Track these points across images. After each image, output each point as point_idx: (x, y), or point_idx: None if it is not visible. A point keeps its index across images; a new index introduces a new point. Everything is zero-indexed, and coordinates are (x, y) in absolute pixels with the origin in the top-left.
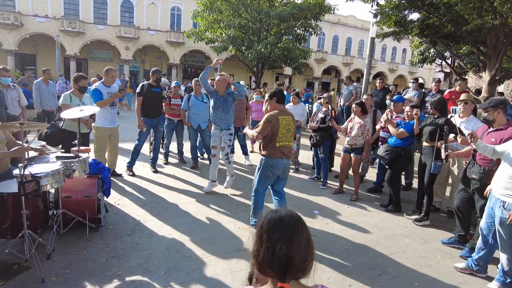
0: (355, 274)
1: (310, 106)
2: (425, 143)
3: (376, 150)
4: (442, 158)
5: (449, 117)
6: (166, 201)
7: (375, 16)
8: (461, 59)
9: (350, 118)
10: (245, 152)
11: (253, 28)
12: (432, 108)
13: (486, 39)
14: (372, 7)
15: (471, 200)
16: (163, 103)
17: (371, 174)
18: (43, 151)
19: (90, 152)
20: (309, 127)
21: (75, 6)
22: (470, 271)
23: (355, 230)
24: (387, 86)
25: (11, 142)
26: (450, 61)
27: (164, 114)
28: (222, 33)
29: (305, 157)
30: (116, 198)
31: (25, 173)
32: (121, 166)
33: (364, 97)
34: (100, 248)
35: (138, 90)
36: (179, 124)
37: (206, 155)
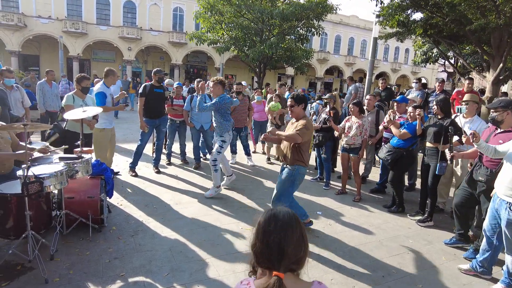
0: (359, 275)
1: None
2: (428, 144)
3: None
4: (447, 159)
5: (453, 117)
6: (169, 201)
7: (378, 16)
8: (464, 59)
9: (347, 118)
10: (247, 152)
11: (255, 28)
12: (437, 107)
13: (490, 39)
14: (376, 6)
15: (472, 199)
16: (166, 104)
17: (374, 175)
18: (47, 150)
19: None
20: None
21: (78, 7)
22: (475, 273)
23: (358, 231)
24: (390, 86)
25: (15, 143)
26: (453, 61)
27: (166, 114)
28: (224, 34)
29: None
30: (118, 199)
31: (28, 174)
32: (123, 167)
33: (367, 97)
34: (103, 249)
35: (140, 90)
36: (182, 124)
37: (208, 156)
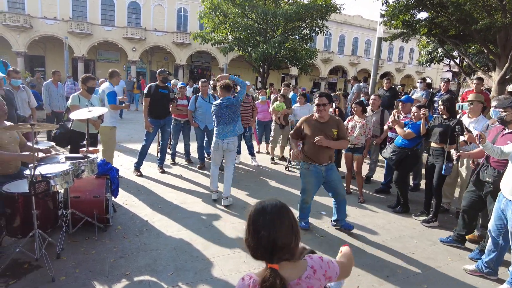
0: (363, 275)
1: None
2: (433, 144)
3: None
4: (453, 159)
5: (458, 116)
6: (173, 201)
7: (382, 16)
8: (470, 59)
9: (349, 117)
10: (251, 152)
11: (259, 28)
12: (444, 107)
13: (496, 38)
14: (382, 6)
15: (480, 201)
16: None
17: (379, 175)
18: (49, 150)
19: (98, 152)
20: None
21: (83, 8)
22: (480, 274)
23: (363, 231)
24: (394, 86)
25: (23, 142)
26: (459, 60)
27: (171, 115)
28: (228, 34)
29: None
30: (124, 198)
31: (35, 173)
32: (128, 167)
33: (372, 97)
34: (108, 248)
35: (145, 91)
36: (186, 124)
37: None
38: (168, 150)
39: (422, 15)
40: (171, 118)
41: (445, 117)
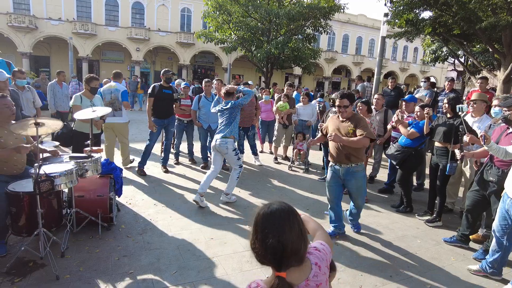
0: (366, 275)
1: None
2: (437, 144)
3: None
4: (458, 159)
5: (462, 116)
6: (177, 200)
7: (386, 15)
8: (474, 58)
9: None
10: (254, 152)
11: (262, 28)
12: (448, 106)
13: (501, 37)
14: (386, 4)
15: (484, 201)
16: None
17: (382, 175)
18: (56, 152)
19: (102, 152)
20: (319, 127)
21: (87, 9)
22: (484, 274)
23: (366, 231)
24: (399, 85)
25: (30, 143)
26: (463, 59)
27: (174, 115)
28: (232, 33)
29: (315, 157)
30: (127, 197)
31: (40, 172)
32: (132, 166)
33: (375, 96)
34: (112, 246)
35: (149, 91)
36: (189, 124)
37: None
38: (171, 150)
39: (426, 14)
40: (175, 118)
41: (449, 116)
